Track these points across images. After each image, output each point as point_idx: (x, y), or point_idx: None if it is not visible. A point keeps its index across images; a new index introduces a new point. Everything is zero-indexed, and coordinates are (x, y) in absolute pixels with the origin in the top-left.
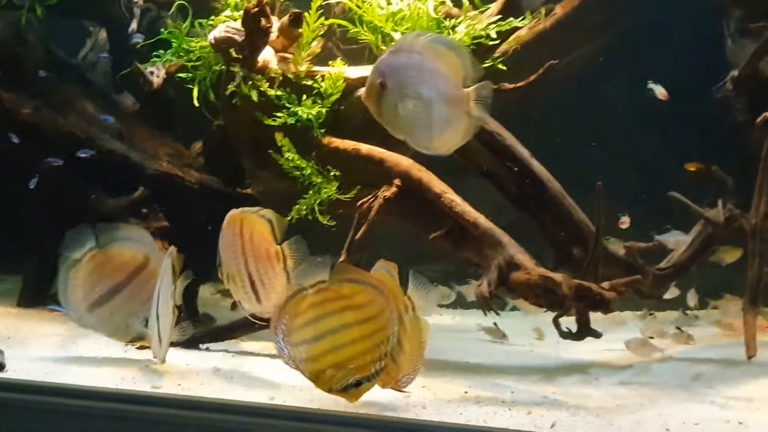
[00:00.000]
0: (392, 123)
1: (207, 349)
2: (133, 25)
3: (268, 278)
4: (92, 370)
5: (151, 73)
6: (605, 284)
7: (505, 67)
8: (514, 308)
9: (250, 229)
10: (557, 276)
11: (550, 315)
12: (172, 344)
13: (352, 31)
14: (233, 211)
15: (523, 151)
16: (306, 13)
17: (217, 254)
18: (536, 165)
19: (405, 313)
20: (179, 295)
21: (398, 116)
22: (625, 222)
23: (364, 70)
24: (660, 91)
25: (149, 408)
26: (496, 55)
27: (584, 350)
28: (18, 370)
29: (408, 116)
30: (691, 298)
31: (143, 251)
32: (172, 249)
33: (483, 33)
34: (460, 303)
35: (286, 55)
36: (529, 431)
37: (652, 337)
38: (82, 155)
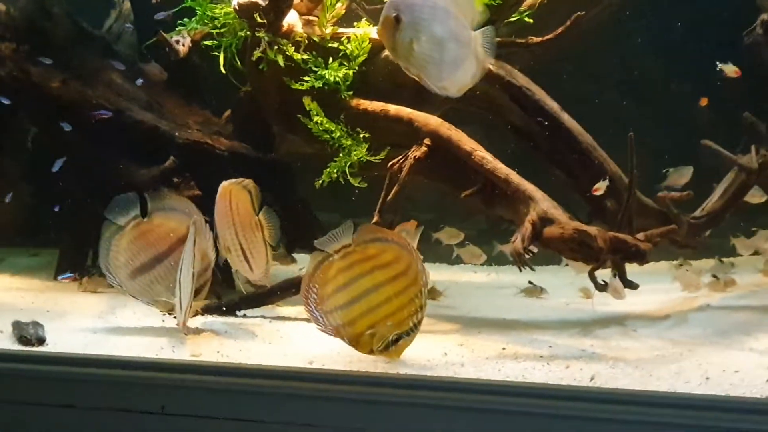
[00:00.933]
0: (406, 58)
1: (244, 316)
2: None
3: (255, 247)
4: (131, 339)
5: (177, 42)
6: (640, 235)
7: (531, 20)
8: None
9: (236, 200)
10: (592, 229)
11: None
12: (209, 312)
13: None
14: (224, 183)
15: (553, 105)
16: None
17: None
18: (567, 118)
19: None
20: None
21: (412, 52)
22: (599, 189)
23: None
24: (730, 69)
25: (189, 376)
26: (522, 8)
27: (619, 302)
28: (58, 343)
29: (421, 53)
30: (742, 246)
31: (187, 222)
32: (196, 219)
33: None
34: (495, 260)
35: (311, 18)
36: (569, 385)
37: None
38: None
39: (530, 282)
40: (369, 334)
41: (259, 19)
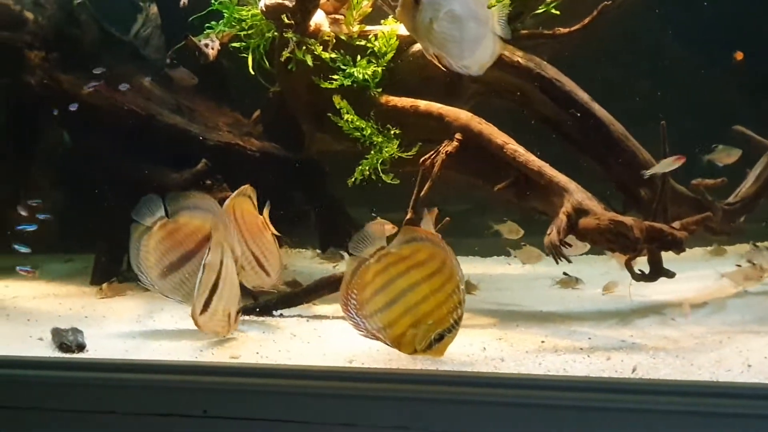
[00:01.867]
0: (427, 38)
1: (281, 316)
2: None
3: (267, 248)
4: (170, 344)
5: (206, 45)
6: (676, 224)
7: (558, 12)
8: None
9: (240, 210)
10: (627, 219)
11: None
12: (245, 313)
13: None
14: (226, 202)
15: (583, 96)
16: None
17: None
18: (597, 108)
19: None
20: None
21: (432, 32)
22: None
23: None
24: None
25: (230, 378)
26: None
27: (657, 291)
28: (98, 349)
29: (441, 32)
30: None
31: (212, 219)
32: (214, 222)
33: None
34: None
35: (337, 16)
36: (611, 377)
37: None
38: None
39: (565, 273)
40: (411, 334)
41: (286, 20)
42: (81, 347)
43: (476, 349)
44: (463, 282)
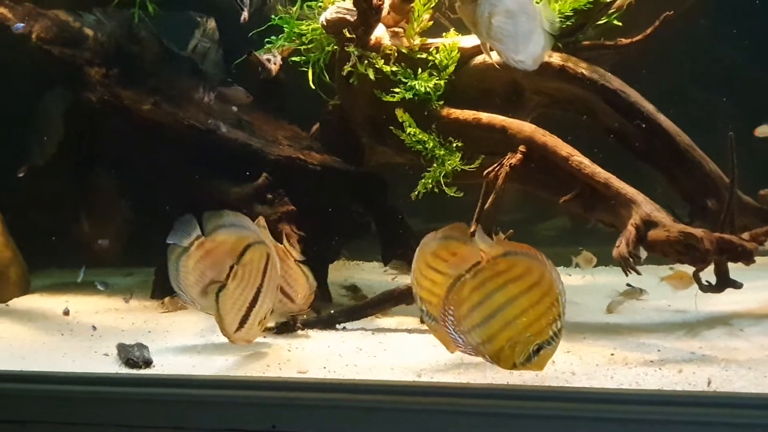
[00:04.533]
0: (487, 33)
1: (344, 329)
2: (245, 15)
3: (289, 276)
4: (236, 358)
5: (268, 60)
6: (745, 235)
7: (620, 23)
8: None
9: None
10: (697, 231)
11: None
12: (309, 327)
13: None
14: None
15: (649, 107)
16: None
17: None
18: (663, 119)
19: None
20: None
21: (491, 25)
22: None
23: (477, 39)
24: None
25: (299, 393)
26: (611, 11)
27: (722, 301)
28: (164, 364)
29: (499, 26)
30: None
31: (248, 236)
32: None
33: None
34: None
35: (397, 29)
36: (687, 391)
37: None
38: None
39: (629, 284)
40: (510, 348)
41: (348, 34)
42: (147, 363)
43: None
44: (563, 295)
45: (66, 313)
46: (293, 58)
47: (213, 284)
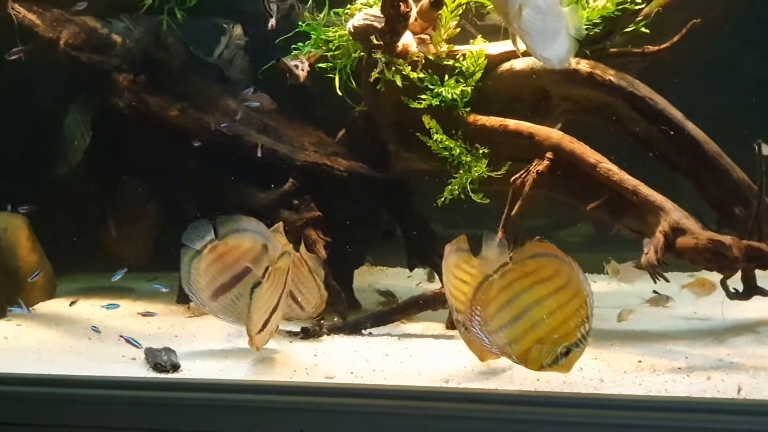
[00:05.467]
0: (517, 24)
1: (370, 334)
2: (272, 22)
3: (301, 283)
4: (263, 363)
5: (296, 66)
6: None
7: (648, 31)
8: None
9: None
10: (726, 238)
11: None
12: (335, 332)
13: (489, 7)
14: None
15: (677, 114)
16: None
17: None
18: (691, 127)
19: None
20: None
21: (522, 18)
22: None
23: (504, 46)
24: None
25: (326, 399)
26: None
27: (749, 309)
28: (192, 369)
29: (529, 20)
30: None
31: (261, 241)
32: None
33: None
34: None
35: (424, 36)
36: (718, 398)
37: None
38: None
39: (655, 291)
40: (537, 350)
41: (375, 41)
42: (175, 367)
43: (573, 369)
44: (591, 297)
45: (72, 303)
46: (320, 65)
47: (250, 278)
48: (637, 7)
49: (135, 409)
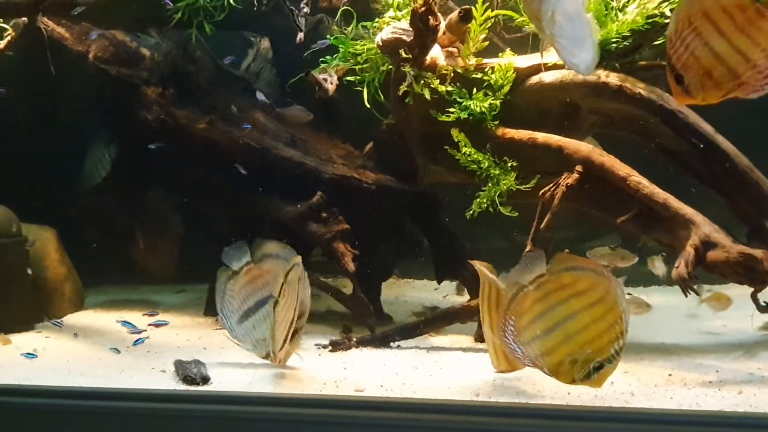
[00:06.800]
0: (549, 30)
1: (398, 347)
2: (300, 36)
3: None
4: (292, 375)
5: (325, 80)
6: None
7: None
8: None
9: None
10: (757, 252)
11: None
12: (364, 345)
13: (518, 20)
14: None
15: (707, 128)
16: (473, 8)
17: None
18: (722, 140)
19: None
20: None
21: (554, 23)
22: None
23: (533, 59)
24: None
25: (357, 412)
26: None
27: None
28: (222, 381)
29: (559, 26)
30: None
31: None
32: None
33: (657, 12)
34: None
35: (452, 49)
36: (750, 412)
37: None
38: None
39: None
40: (569, 363)
41: (403, 54)
42: (205, 380)
43: (604, 387)
44: (627, 313)
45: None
46: (347, 78)
47: (270, 298)
48: (666, 21)
49: (165, 422)
